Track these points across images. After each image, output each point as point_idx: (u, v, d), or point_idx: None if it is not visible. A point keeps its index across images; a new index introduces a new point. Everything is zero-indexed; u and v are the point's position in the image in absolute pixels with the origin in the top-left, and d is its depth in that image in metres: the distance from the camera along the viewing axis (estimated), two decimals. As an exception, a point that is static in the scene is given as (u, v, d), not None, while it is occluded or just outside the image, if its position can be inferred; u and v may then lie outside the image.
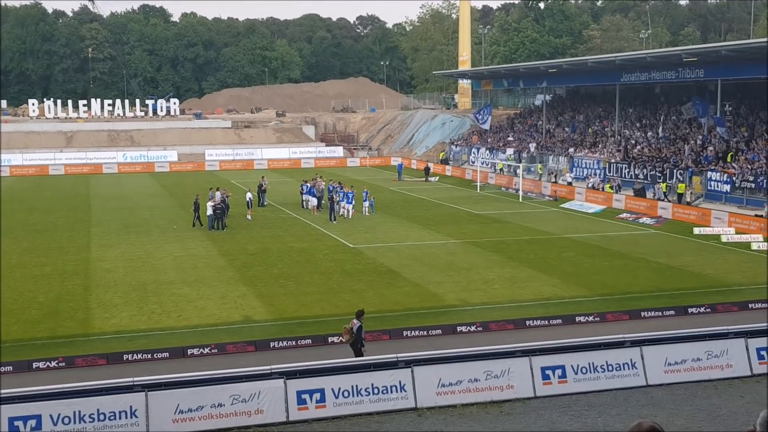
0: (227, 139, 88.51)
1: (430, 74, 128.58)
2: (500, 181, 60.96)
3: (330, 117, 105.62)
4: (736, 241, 36.45)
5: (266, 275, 29.77)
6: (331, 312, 24.58)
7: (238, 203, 46.68)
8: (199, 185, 59.81)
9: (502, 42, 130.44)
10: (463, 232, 39.53)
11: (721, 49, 46.20)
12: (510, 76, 75.77)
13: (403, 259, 32.70)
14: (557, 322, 23.19)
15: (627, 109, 63.28)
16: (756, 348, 19.03)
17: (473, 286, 27.78)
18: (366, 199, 45.68)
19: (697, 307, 24.49)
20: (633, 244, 36.09)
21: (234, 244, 36.29)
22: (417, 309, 24.88)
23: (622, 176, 52.44)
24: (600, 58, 61.34)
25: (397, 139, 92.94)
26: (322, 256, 33.35)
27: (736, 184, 43.70)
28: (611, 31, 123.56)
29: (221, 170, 77.01)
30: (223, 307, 25.18)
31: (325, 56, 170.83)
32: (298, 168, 78.53)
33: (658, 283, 28.40)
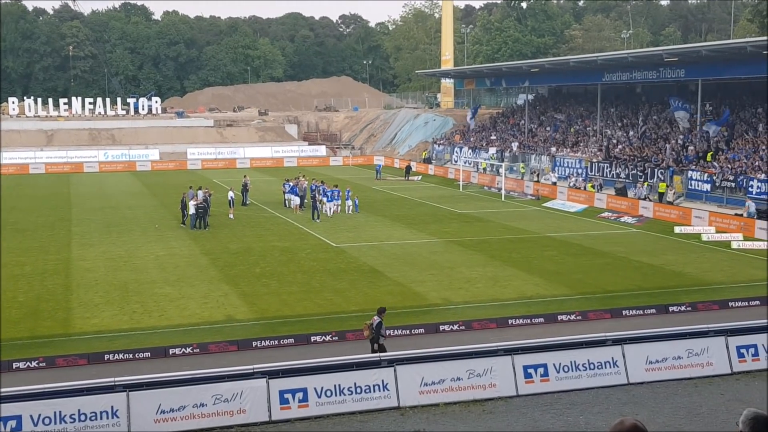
0: (209, 137, 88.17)
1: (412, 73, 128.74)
2: (483, 180, 61.10)
3: (313, 116, 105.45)
4: (717, 240, 36.71)
5: (249, 274, 29.68)
6: (313, 311, 24.55)
7: (219, 202, 46.53)
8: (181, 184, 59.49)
9: (484, 41, 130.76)
10: (446, 231, 39.58)
11: (702, 49, 46.52)
12: (492, 75, 75.97)
13: (385, 258, 32.70)
14: (539, 321, 23.27)
15: (608, 108, 63.60)
16: (736, 346, 19.17)
17: (456, 285, 27.82)
18: (348, 198, 45.65)
19: (678, 305, 24.64)
20: (614, 243, 36.27)
21: (216, 243, 36.15)
22: (400, 308, 24.87)
23: (604, 175, 52.72)
24: (582, 57, 61.61)
25: (379, 138, 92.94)
26: (304, 255, 33.29)
27: (717, 183, 44.03)
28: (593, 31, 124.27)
29: (203, 169, 76.71)
30: (205, 307, 25.08)
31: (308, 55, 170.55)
32: (281, 167, 78.38)
33: (640, 281, 28.56)
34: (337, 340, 21.69)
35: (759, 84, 51.54)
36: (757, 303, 25.08)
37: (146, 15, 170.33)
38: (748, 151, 45.32)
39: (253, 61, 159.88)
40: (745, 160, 44.23)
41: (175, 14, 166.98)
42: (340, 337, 21.80)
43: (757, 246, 34.99)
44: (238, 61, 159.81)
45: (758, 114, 50.47)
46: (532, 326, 22.88)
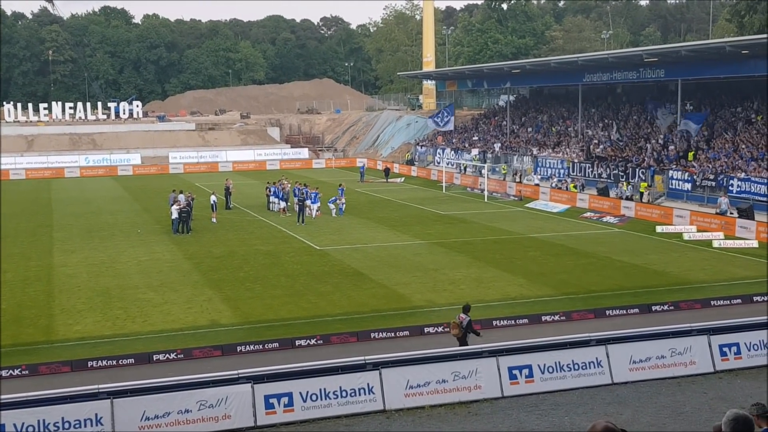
0: (191, 141, 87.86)
1: (394, 75, 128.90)
2: (465, 182, 61.24)
3: (295, 118, 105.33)
4: (698, 239, 36.96)
5: (232, 278, 29.58)
6: (298, 315, 24.50)
7: (202, 206, 46.35)
8: (163, 188, 59.27)
9: (465, 43, 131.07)
10: (429, 232, 39.63)
11: (681, 50, 46.85)
12: (474, 76, 76.16)
13: (369, 260, 32.69)
14: (523, 322, 23.34)
15: (590, 109, 63.91)
16: (719, 345, 19.31)
17: (440, 287, 27.85)
18: (332, 202, 45.58)
19: (661, 305, 24.78)
20: (597, 243, 36.44)
21: (199, 247, 36.01)
22: (384, 310, 24.89)
23: (586, 176, 52.97)
24: (563, 58, 61.90)
25: (362, 140, 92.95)
26: (288, 259, 33.23)
27: (697, 182, 44.33)
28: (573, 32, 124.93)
29: (185, 173, 76.42)
30: (188, 312, 24.97)
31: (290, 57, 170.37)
32: (263, 170, 78.22)
33: (622, 281, 28.71)
34: (322, 343, 21.67)
35: (738, 84, 52.08)
36: (738, 301, 25.28)
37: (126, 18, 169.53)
38: (728, 151, 45.67)
39: (235, 64, 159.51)
40: (725, 159, 44.57)
41: (156, 17, 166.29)
42: (325, 340, 21.78)
43: (738, 244, 35.28)
44: (219, 64, 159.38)
45: (737, 113, 50.88)
46: (517, 327, 22.93)
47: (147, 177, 73.20)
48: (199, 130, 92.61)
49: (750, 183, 41.04)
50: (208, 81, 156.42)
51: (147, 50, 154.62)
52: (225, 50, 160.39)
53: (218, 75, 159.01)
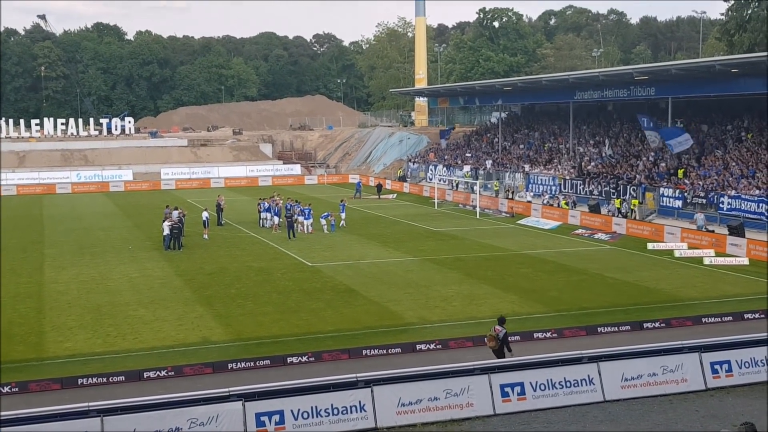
0: (183, 157, 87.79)
1: (386, 92, 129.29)
2: (457, 198, 61.33)
3: (287, 135, 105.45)
4: (689, 256, 37.05)
5: (224, 295, 29.50)
6: (289, 332, 24.43)
7: (194, 222, 46.25)
8: (155, 205, 59.17)
9: (457, 60, 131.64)
10: (422, 249, 39.63)
11: (671, 68, 47.13)
12: (466, 93, 76.44)
13: (361, 277, 32.65)
14: (515, 339, 23.24)
15: (581, 126, 64.16)
16: (710, 362, 19.32)
17: (432, 304, 27.83)
18: (324, 217, 45.55)
19: (653, 322, 24.78)
20: (589, 260, 36.49)
21: (191, 264, 35.91)
22: (376, 327, 24.83)
23: (577, 192, 53.09)
24: (554, 76, 62.18)
25: (354, 156, 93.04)
26: (280, 275, 33.16)
27: (688, 199, 44.46)
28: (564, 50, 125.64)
29: (177, 189, 76.30)
30: (179, 329, 24.87)
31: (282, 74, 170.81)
32: (255, 186, 78.20)
33: (614, 298, 28.73)
34: (314, 360, 21.59)
35: (728, 102, 52.42)
36: (730, 319, 25.32)
37: (119, 35, 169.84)
38: (718, 168, 45.88)
39: (227, 81, 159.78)
40: (716, 176, 44.76)
41: (148, 34, 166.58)
42: (317, 357, 21.70)
43: (729, 262, 35.38)
44: (211, 81, 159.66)
45: (728, 131, 51.17)
46: (509, 344, 22.89)
47: (139, 193, 73.05)
48: (191, 146, 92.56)
49: (740, 200, 41.20)
50: (200, 97, 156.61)
51: (139, 67, 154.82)
52: (217, 67, 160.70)
53: (211, 91, 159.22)
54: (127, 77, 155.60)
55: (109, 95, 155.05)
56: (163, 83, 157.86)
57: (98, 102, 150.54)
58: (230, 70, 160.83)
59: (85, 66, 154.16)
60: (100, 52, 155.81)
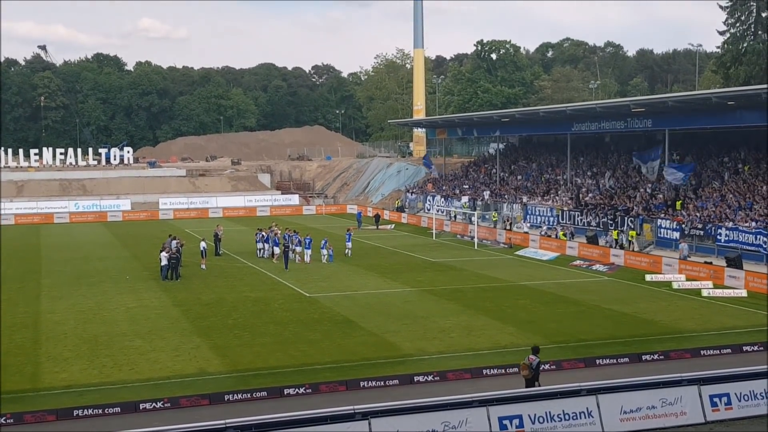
0: (182, 187, 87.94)
1: (385, 123, 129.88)
2: (455, 229, 61.37)
3: (285, 165, 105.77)
4: (687, 287, 37.02)
5: (221, 326, 29.40)
6: (287, 363, 24.32)
7: (192, 252, 46.21)
8: (153, 235, 59.21)
9: (455, 91, 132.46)
10: (420, 280, 39.60)
11: (668, 101, 47.38)
12: (464, 125, 76.80)
13: (359, 307, 32.59)
14: (514, 371, 23.17)
15: (578, 157, 64.40)
16: (709, 395, 19.24)
17: (430, 335, 27.75)
18: (324, 247, 45.60)
19: (651, 354, 24.72)
20: (587, 291, 36.47)
21: (188, 294, 35.83)
22: (374, 359, 24.74)
23: (575, 223, 53.16)
24: (551, 108, 62.54)
25: (353, 186, 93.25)
26: (277, 306, 33.09)
27: (686, 231, 44.51)
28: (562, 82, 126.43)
29: (175, 219, 76.28)
30: (176, 360, 24.76)
31: (281, 105, 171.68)
32: (254, 216, 78.23)
33: (612, 330, 28.68)
34: (311, 392, 21.48)
35: (724, 134, 52.70)
36: (728, 351, 25.25)
37: (119, 65, 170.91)
38: (715, 200, 46.01)
39: (226, 111, 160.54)
40: (713, 208, 44.87)
41: (148, 65, 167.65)
42: (314, 389, 21.59)
43: (727, 294, 35.35)
44: (210, 111, 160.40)
45: (724, 163, 51.39)
46: (507, 376, 22.79)
47: (137, 223, 73.04)
48: (189, 176, 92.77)
49: (738, 232, 41.28)
50: (199, 127, 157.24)
51: (139, 97, 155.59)
52: (217, 97, 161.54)
53: (210, 121, 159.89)
54: (127, 107, 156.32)
55: (108, 125, 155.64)
56: (162, 113, 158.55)
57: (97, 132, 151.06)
58: (229, 101, 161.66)
59: (85, 96, 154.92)
60: (99, 82, 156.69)
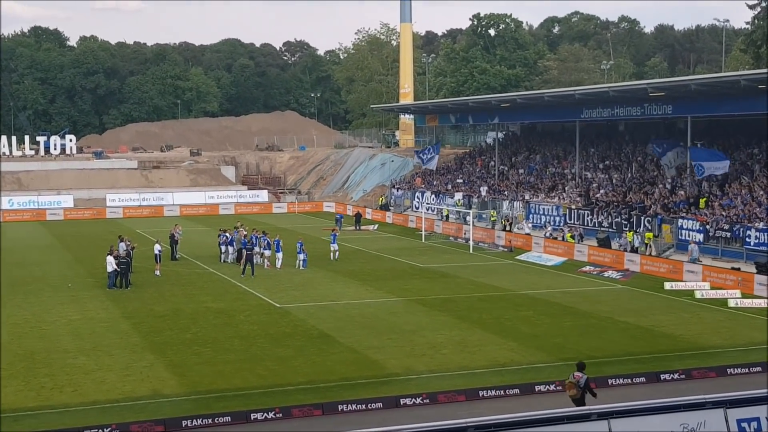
0: (133, 181, 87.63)
1: (367, 108, 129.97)
2: (448, 230, 61.49)
3: (253, 156, 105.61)
4: (712, 297, 37.22)
5: (178, 341, 29.35)
6: (254, 383, 24.30)
7: (144, 256, 46.08)
8: (99, 235, 58.97)
9: (448, 73, 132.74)
10: (407, 288, 39.65)
11: (691, 83, 47.55)
12: (458, 110, 76.96)
13: (337, 320, 32.60)
14: (514, 392, 23.29)
15: (588, 148, 64.69)
16: (736, 420, 19.30)
17: (418, 351, 27.79)
18: (300, 251, 45.52)
19: (671, 373, 24.84)
20: (597, 302, 36.64)
21: (140, 304, 35.72)
22: (354, 378, 24.76)
23: (585, 224, 53.39)
24: (557, 91, 62.77)
25: (330, 181, 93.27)
26: (243, 318, 33.06)
27: (711, 233, 44.76)
28: (569, 62, 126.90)
29: (125, 218, 76.06)
30: (126, 380, 24.69)
31: (247, 87, 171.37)
32: (216, 215, 78.09)
33: (627, 345, 28.81)
34: (282, 417, 21.49)
35: (755, 122, 52.87)
36: (758, 369, 25.41)
37: (60, 41, 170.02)
38: (744, 197, 46.30)
39: (184, 94, 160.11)
40: (742, 206, 45.16)
41: (94, 40, 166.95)
42: (285, 413, 21.60)
43: (757, 304, 35.57)
44: (166, 94, 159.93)
45: (754, 155, 51.71)
46: (506, 398, 22.89)
47: (80, 222, 72.71)
48: (141, 169, 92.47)
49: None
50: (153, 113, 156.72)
51: (83, 77, 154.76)
52: (173, 78, 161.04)
53: (165, 106, 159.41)
54: (69, 89, 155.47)
55: (48, 109, 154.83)
56: (110, 96, 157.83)
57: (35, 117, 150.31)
58: (188, 82, 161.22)
59: (21, 76, 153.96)
60: (37, 59, 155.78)
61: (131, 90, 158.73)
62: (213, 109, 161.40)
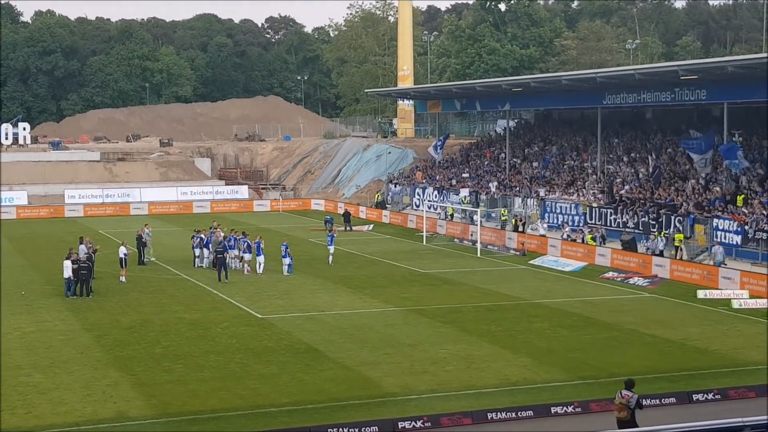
0: (95, 175, 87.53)
1: (361, 93, 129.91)
2: (452, 231, 61.49)
3: (231, 147, 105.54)
4: (751, 307, 37.20)
5: (146, 356, 29.32)
6: (232, 404, 24.28)
7: (108, 260, 46.05)
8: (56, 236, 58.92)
9: (453, 53, 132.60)
10: (405, 296, 39.67)
11: (727, 65, 47.60)
12: (464, 96, 76.96)
13: (327, 333, 32.59)
14: (527, 414, 23.29)
15: (612, 139, 64.69)
16: (779, 445, 19.37)
17: (419, 368, 27.79)
18: (285, 255, 45.43)
19: (705, 392, 24.84)
20: (621, 312, 36.65)
21: (103, 314, 35.69)
22: (345, 399, 24.75)
23: (607, 224, 53.38)
24: (577, 74, 62.75)
25: (319, 176, 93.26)
26: (220, 330, 33.04)
27: (750, 234, 44.75)
28: (590, 41, 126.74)
29: (86, 217, 76.01)
30: (87, 400, 24.65)
31: (225, 69, 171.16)
32: (189, 213, 78.06)
33: (655, 362, 28.82)
34: (264, 442, 21.51)
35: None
36: (803, 389, 25.44)
37: (12, 16, 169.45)
38: (787, 194, 46.35)
39: (153, 77, 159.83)
40: (785, 204, 45.21)
41: (51, 15, 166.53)
42: (268, 438, 21.62)
43: (802, 315, 35.61)
44: (133, 77, 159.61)
45: (799, 146, 51.76)
46: (518, 421, 22.90)
47: (35, 222, 72.64)
48: (105, 161, 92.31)
49: (816, 236, 41.60)
50: (117, 98, 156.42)
51: (38, 57, 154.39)
52: (140, 58, 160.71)
53: (131, 90, 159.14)
54: (22, 71, 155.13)
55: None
56: (69, 79, 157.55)
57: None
58: (157, 63, 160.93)
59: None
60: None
61: (93, 72, 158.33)
62: (186, 93, 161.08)
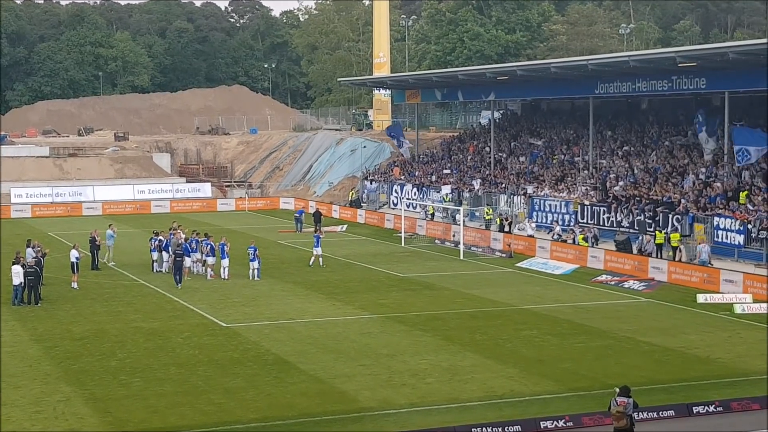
0: (43, 172, 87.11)
1: (333, 82, 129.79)
2: (433, 231, 61.52)
3: (192, 141, 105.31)
4: (755, 312, 37.34)
5: (100, 369, 29.19)
6: (195, 421, 24.20)
7: (58, 265, 45.81)
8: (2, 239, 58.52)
9: (433, 38, 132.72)
10: (383, 303, 39.68)
11: (728, 52, 47.81)
12: (445, 85, 76.97)
13: (298, 342, 32.56)
14: (515, 429, 23.30)
15: (604, 131, 64.88)
16: (785, 461, 19.52)
17: (397, 380, 27.79)
18: (253, 258, 45.26)
19: (705, 405, 24.91)
20: (616, 318, 36.76)
21: (53, 324, 35.53)
22: (318, 414, 24.72)
23: (600, 224, 53.52)
24: (567, 61, 62.85)
25: (288, 172, 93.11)
26: (181, 341, 32.95)
27: (753, 234, 44.94)
28: (581, 26, 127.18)
29: (34, 217, 75.62)
30: (36, 417, 24.54)
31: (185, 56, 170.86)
32: (147, 213, 77.78)
33: (652, 371, 28.92)
34: (230, 462, 21.47)
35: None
36: (811, 400, 25.58)
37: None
38: (793, 190, 46.59)
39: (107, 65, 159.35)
40: (792, 201, 45.45)
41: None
42: (234, 457, 21.58)
43: (810, 320, 35.82)
44: (85, 65, 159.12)
45: (805, 139, 52.01)
46: (505, 437, 22.93)
47: (-22, 223, 72.25)
48: (55, 157, 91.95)
49: (824, 235, 41.84)
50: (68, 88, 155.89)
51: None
52: (93, 45, 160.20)
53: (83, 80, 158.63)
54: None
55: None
56: (15, 67, 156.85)
57: None
58: (111, 50, 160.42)
59: None
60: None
61: (41, 60, 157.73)
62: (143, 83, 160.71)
